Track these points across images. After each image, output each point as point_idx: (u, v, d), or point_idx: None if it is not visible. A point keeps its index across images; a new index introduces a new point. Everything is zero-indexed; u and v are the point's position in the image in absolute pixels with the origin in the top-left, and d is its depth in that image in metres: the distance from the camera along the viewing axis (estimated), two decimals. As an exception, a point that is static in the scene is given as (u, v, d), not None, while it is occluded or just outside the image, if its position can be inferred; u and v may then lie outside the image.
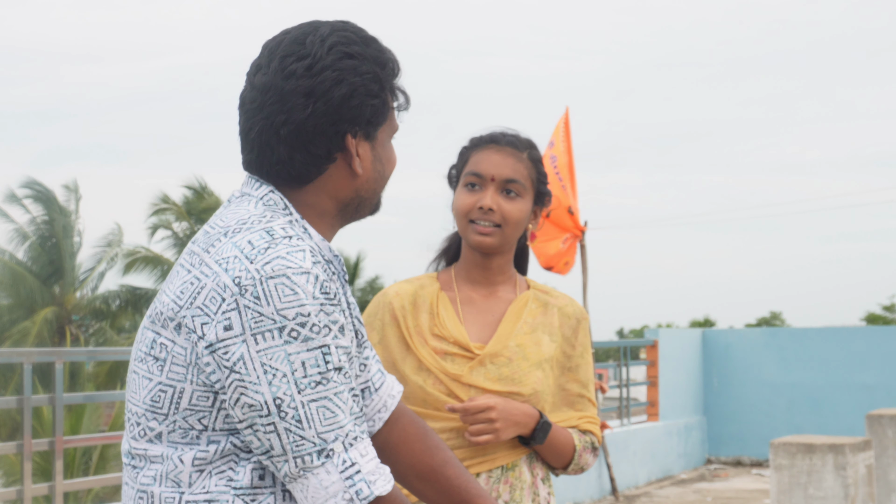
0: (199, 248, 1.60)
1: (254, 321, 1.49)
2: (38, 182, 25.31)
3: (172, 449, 1.57)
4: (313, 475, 1.50)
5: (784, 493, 6.12)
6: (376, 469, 1.54)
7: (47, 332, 23.82)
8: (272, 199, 1.64)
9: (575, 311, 2.55)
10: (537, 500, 2.46)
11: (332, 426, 1.51)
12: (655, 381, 12.23)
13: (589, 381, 2.54)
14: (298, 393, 1.49)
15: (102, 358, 19.62)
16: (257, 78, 1.65)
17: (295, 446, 1.50)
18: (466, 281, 2.53)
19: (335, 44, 1.64)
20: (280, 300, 1.49)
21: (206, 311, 1.52)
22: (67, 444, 5.89)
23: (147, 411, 1.58)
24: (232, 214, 1.62)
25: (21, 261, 25.22)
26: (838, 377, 12.88)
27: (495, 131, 2.54)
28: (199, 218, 25.33)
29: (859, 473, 6.18)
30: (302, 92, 1.61)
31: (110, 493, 15.86)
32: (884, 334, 13.18)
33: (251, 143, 1.65)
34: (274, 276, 1.50)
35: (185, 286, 1.56)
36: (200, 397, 1.54)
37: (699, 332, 13.61)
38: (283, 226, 1.58)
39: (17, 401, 5.58)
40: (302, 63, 1.62)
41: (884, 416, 7.43)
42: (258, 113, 1.63)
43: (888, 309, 43.93)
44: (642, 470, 11.58)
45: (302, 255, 1.53)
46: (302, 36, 1.65)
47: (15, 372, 21.33)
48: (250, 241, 1.54)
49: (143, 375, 1.59)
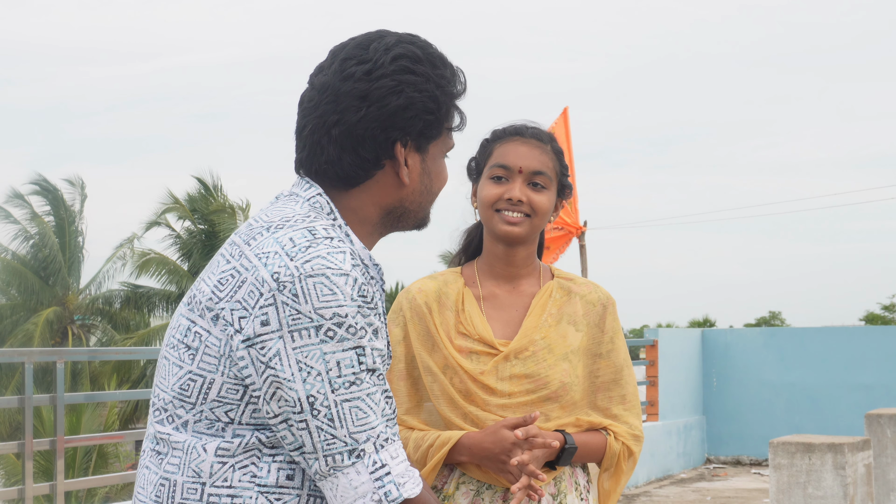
0: (240, 240, 1.60)
1: (291, 318, 1.50)
2: (45, 179, 25.30)
3: (196, 438, 1.57)
4: (343, 474, 1.51)
5: (783, 493, 6.13)
6: (406, 471, 1.55)
7: (49, 332, 23.83)
8: (319, 201, 1.65)
9: (600, 296, 2.52)
10: (579, 489, 2.46)
11: (364, 427, 1.51)
12: (655, 381, 12.23)
13: (622, 366, 2.50)
14: (332, 392, 1.50)
15: (103, 358, 19.63)
16: (318, 78, 1.67)
17: (326, 445, 1.51)
18: (489, 276, 2.51)
19: (399, 55, 1.65)
20: (318, 299, 1.50)
21: (244, 305, 1.52)
22: (68, 444, 5.91)
23: (175, 398, 1.59)
24: (277, 211, 1.63)
25: (23, 260, 25.21)
26: (837, 377, 12.88)
27: (517, 123, 2.52)
28: (202, 217, 25.30)
29: (858, 473, 6.19)
30: (357, 94, 1.62)
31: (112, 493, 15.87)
32: (883, 334, 13.18)
33: (304, 140, 1.67)
34: (313, 275, 1.51)
35: (225, 277, 1.57)
36: (230, 390, 1.55)
37: (699, 332, 13.62)
38: (326, 227, 1.59)
39: (19, 400, 5.59)
40: (362, 67, 1.63)
41: (883, 416, 7.44)
42: (313, 111, 1.65)
43: (888, 309, 43.91)
44: (642, 469, 11.59)
45: (342, 257, 1.54)
46: (366, 42, 1.67)
47: (16, 371, 21.35)
48: (292, 239, 1.55)
49: (174, 362, 1.60)
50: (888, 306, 44.00)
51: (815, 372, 13.01)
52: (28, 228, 25.28)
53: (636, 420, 2.50)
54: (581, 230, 9.60)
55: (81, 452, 16.02)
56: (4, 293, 25.24)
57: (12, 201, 25.19)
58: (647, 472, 11.75)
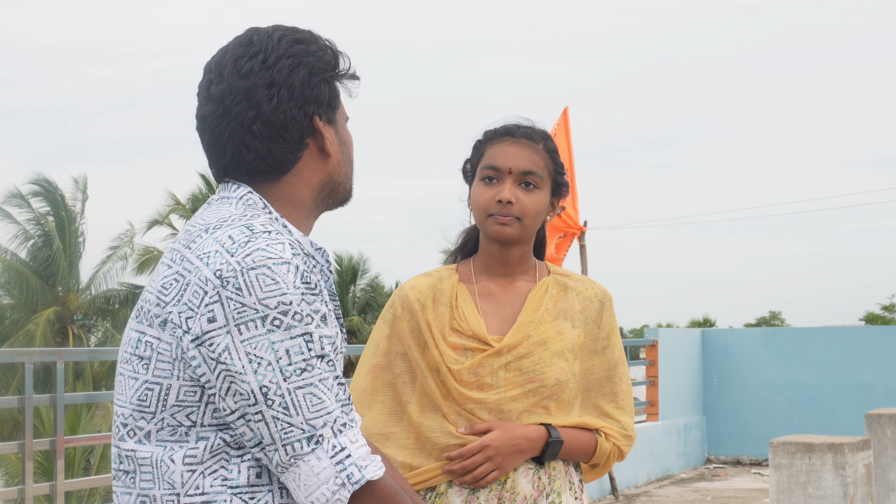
0: (180, 245, 1.62)
1: (237, 312, 1.50)
2: (45, 179, 25.29)
3: (161, 448, 1.57)
4: (304, 462, 1.51)
5: (783, 493, 6.13)
6: (367, 455, 1.55)
7: (50, 332, 23.83)
8: (251, 199, 1.66)
9: (597, 293, 2.51)
10: (573, 489, 2.46)
11: (320, 412, 1.52)
12: (655, 381, 12.23)
13: (617, 363, 2.49)
14: (284, 381, 1.50)
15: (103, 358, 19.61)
16: (212, 90, 1.67)
17: (284, 434, 1.51)
18: (485, 273, 2.51)
19: (282, 35, 1.69)
20: (262, 290, 1.51)
21: (190, 306, 1.53)
22: (69, 444, 5.91)
23: (135, 411, 1.59)
24: (213, 214, 1.64)
25: (24, 260, 25.22)
26: (837, 377, 12.88)
27: (509, 123, 2.51)
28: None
29: (858, 473, 6.19)
30: (263, 84, 1.64)
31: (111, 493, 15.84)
32: (883, 334, 13.19)
33: (223, 147, 1.67)
34: (255, 267, 1.51)
35: (168, 282, 1.58)
36: (188, 392, 1.56)
37: (699, 332, 13.62)
38: (263, 222, 1.60)
39: (19, 400, 5.59)
40: (256, 59, 1.66)
41: (883, 416, 7.44)
42: (224, 118, 1.65)
43: (887, 309, 43.93)
44: (642, 469, 11.60)
45: (282, 247, 1.55)
46: (246, 39, 1.69)
47: (16, 371, 21.33)
48: (230, 236, 1.56)
49: (129, 376, 1.61)
50: (888, 306, 44.02)
51: (815, 372, 13.01)
52: (28, 228, 25.28)
53: (628, 419, 2.50)
54: (581, 230, 9.60)
55: (80, 452, 16.00)
56: (5, 293, 25.23)
57: (12, 201, 25.20)
58: (647, 472, 11.75)
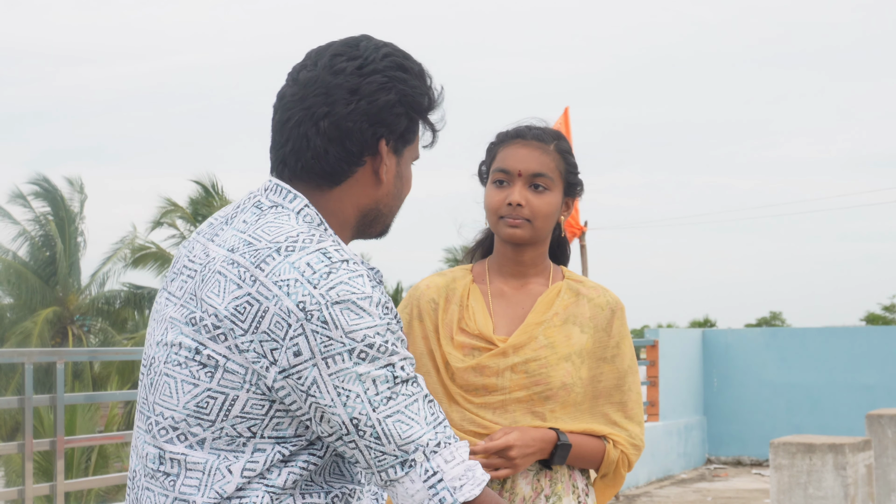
0: (247, 263, 1.57)
1: (323, 345, 1.51)
2: (45, 179, 25.30)
3: (215, 456, 1.57)
4: (399, 484, 1.55)
5: (784, 493, 6.13)
6: (464, 474, 1.57)
7: (49, 333, 23.83)
8: (309, 214, 1.65)
9: (608, 300, 2.51)
10: (576, 492, 2.45)
11: (411, 438, 1.54)
12: (655, 381, 12.24)
13: (626, 372, 2.49)
14: (373, 411, 1.53)
15: (103, 358, 19.64)
16: (301, 74, 1.67)
17: (377, 462, 1.55)
18: (499, 274, 2.52)
19: (389, 54, 1.67)
20: (347, 323, 1.52)
21: (272, 337, 1.53)
22: (69, 444, 5.90)
23: (190, 416, 1.58)
24: (275, 228, 1.61)
25: (23, 260, 25.23)
26: (838, 377, 12.89)
27: (521, 125, 2.52)
28: (205, 219, 25.26)
29: (859, 473, 6.19)
30: (348, 88, 1.64)
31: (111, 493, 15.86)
32: (884, 334, 13.20)
33: (287, 133, 1.66)
34: (339, 301, 1.52)
35: (241, 305, 1.55)
36: (255, 405, 1.56)
37: (699, 333, 13.63)
38: (336, 248, 1.59)
39: (19, 401, 5.59)
40: (353, 62, 1.65)
41: (883, 416, 7.44)
42: (298, 105, 1.65)
43: (888, 309, 43.92)
44: (642, 470, 11.59)
45: (362, 280, 1.55)
46: (354, 41, 1.69)
47: (16, 372, 21.35)
48: (309, 264, 1.55)
49: (184, 380, 1.58)
50: (888, 306, 44.01)
51: (815, 372, 13.01)
52: (28, 228, 25.28)
53: (637, 428, 2.49)
54: (582, 230, 9.60)
55: (79, 452, 16.02)
56: (5, 293, 25.24)
57: (12, 201, 25.20)
58: (648, 473, 11.75)
